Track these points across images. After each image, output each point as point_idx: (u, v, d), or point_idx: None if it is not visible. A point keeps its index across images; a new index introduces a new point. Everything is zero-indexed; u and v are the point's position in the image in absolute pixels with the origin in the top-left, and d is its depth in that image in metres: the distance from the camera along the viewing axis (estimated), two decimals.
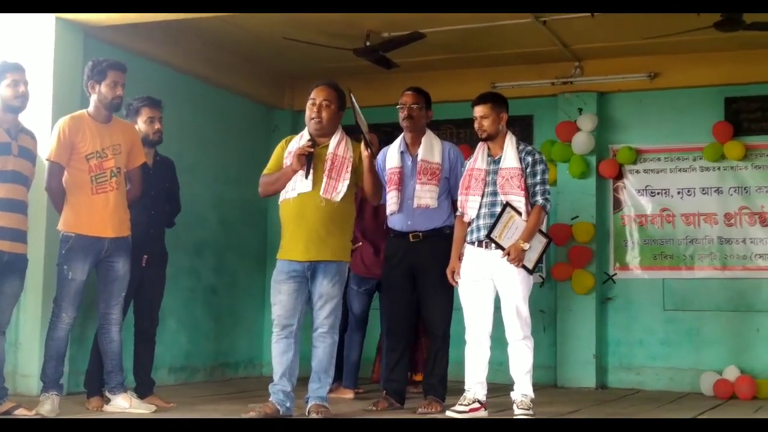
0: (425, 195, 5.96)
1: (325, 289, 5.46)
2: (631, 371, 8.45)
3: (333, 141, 5.56)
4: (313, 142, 5.49)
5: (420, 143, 6.07)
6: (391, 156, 6.14)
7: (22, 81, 5.38)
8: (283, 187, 5.54)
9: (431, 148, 6.05)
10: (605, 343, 8.53)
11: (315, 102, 5.55)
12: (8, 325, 5.51)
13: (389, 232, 6.23)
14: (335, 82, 5.71)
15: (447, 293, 5.99)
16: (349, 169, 5.51)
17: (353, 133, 5.66)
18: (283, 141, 5.72)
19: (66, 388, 6.25)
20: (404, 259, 6.04)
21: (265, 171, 5.67)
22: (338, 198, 5.46)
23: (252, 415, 5.35)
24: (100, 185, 5.56)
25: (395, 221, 6.10)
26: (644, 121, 8.67)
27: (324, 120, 5.53)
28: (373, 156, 5.52)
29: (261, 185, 5.65)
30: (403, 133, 6.19)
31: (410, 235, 6.01)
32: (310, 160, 5.43)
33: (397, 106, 6.15)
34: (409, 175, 6.05)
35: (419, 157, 6.02)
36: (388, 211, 6.11)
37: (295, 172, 5.45)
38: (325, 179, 5.45)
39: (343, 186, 5.47)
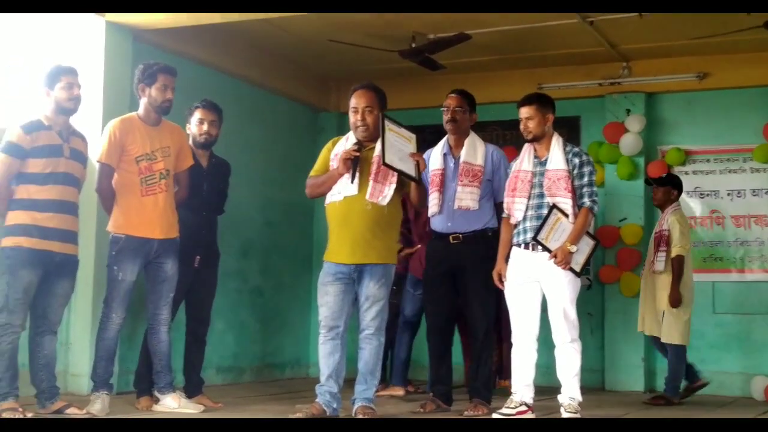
0: (466, 197, 5.94)
1: (371, 291, 5.47)
2: None
3: (379, 144, 5.53)
4: (360, 145, 5.49)
5: (463, 145, 6.05)
6: (435, 158, 6.13)
7: (75, 84, 5.45)
8: (330, 189, 5.55)
9: (474, 151, 6.03)
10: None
11: (357, 109, 5.56)
12: (60, 325, 5.58)
13: (431, 233, 6.23)
14: (372, 83, 5.71)
15: (488, 295, 5.97)
16: (395, 172, 5.51)
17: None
18: (330, 142, 5.73)
19: (116, 387, 6.31)
20: (445, 260, 6.03)
21: (312, 173, 5.69)
22: (384, 202, 5.46)
23: (299, 415, 5.37)
24: (150, 187, 5.62)
25: (436, 223, 6.09)
26: (693, 122, 8.58)
27: (370, 126, 5.53)
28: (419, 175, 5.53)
29: (308, 187, 5.68)
30: (447, 135, 6.17)
31: (450, 236, 6.00)
32: (356, 164, 5.42)
33: (441, 109, 6.14)
34: (451, 177, 6.03)
35: (462, 159, 6.00)
36: (429, 213, 6.09)
37: (341, 175, 5.46)
38: (371, 183, 5.45)
39: (389, 190, 5.47)
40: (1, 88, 6.56)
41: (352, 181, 5.42)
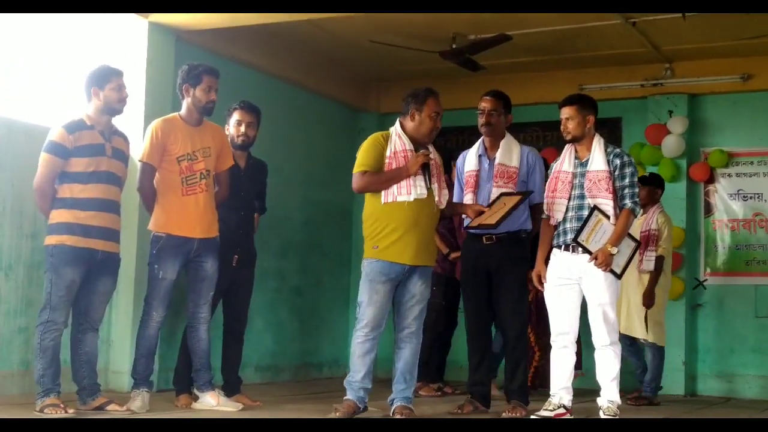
0: None
1: (419, 290, 5.57)
2: (721, 379, 8.28)
3: (431, 148, 5.70)
4: (428, 155, 5.57)
5: (499, 147, 6.03)
6: (470, 159, 6.11)
7: (124, 85, 5.52)
8: (390, 187, 5.52)
9: (509, 152, 6.00)
10: (695, 350, 8.37)
11: (439, 114, 5.62)
12: (101, 323, 5.64)
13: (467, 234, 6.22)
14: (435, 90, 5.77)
15: (521, 296, 5.94)
16: (442, 175, 5.70)
17: None
18: (374, 138, 5.64)
19: (156, 385, 6.38)
20: (479, 261, 6.00)
21: (363, 167, 5.55)
22: (442, 206, 5.65)
23: (337, 414, 5.39)
24: (190, 187, 5.66)
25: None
26: (736, 124, 8.50)
27: (438, 130, 5.71)
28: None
29: (367, 183, 5.55)
30: (482, 137, 6.15)
31: (484, 237, 5.97)
32: (427, 167, 5.54)
33: (477, 111, 6.12)
34: (486, 178, 6.00)
35: (497, 161, 5.97)
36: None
37: (409, 176, 5.50)
38: (436, 186, 5.57)
39: (446, 193, 5.68)
40: (43, 88, 6.64)
41: (430, 184, 5.53)
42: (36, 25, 6.50)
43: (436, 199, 5.56)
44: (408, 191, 5.49)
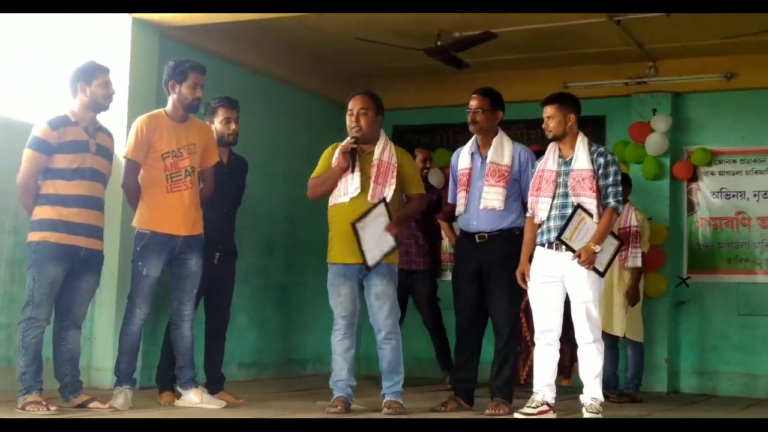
0: (492, 197, 5.93)
1: (380, 289, 5.67)
2: (704, 376, 8.32)
3: (378, 147, 5.74)
4: (357, 139, 5.67)
5: (491, 145, 6.04)
6: (463, 157, 6.13)
7: (111, 82, 5.51)
8: (331, 188, 5.73)
9: (502, 150, 6.01)
10: (678, 347, 8.41)
11: (352, 112, 5.74)
12: (84, 320, 5.63)
13: (461, 232, 6.24)
14: (370, 89, 5.92)
15: (513, 294, 5.96)
16: (395, 174, 5.72)
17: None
18: (330, 147, 5.88)
19: (139, 382, 6.34)
20: (471, 259, 6.03)
21: (312, 175, 5.86)
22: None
23: (337, 410, 5.54)
24: (175, 184, 5.64)
25: (463, 222, 6.11)
26: (719, 123, 8.53)
27: (363, 127, 5.72)
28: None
29: (309, 187, 5.86)
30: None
31: (476, 236, 6.00)
32: (354, 156, 5.62)
33: (466, 110, 6.13)
34: (478, 176, 6.02)
35: (488, 159, 5.99)
36: (456, 212, 6.13)
37: (342, 169, 5.65)
38: (372, 184, 5.63)
39: (389, 191, 5.68)
40: (26, 85, 6.61)
41: (351, 171, 5.61)
42: (18, 22, 6.44)
43: (369, 197, 5.60)
44: (345, 192, 5.66)
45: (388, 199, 5.63)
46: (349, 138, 5.69)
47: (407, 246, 7.50)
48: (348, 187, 5.64)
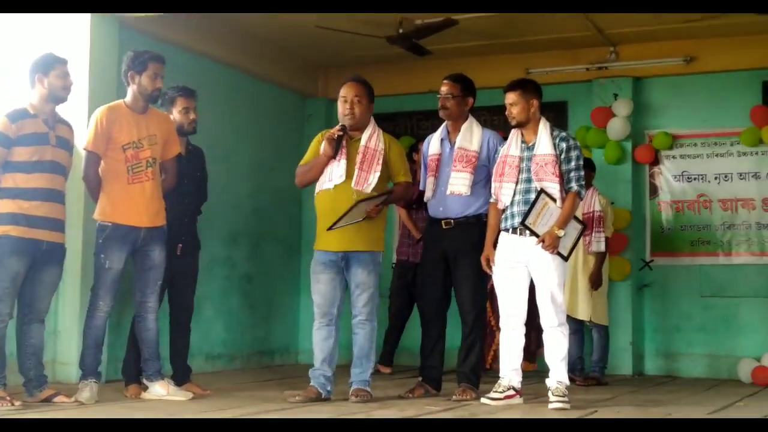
0: (458, 182, 5.95)
1: (360, 278, 5.64)
2: (668, 358, 8.41)
3: (365, 134, 5.75)
4: (344, 128, 5.65)
5: (460, 130, 6.06)
6: (434, 143, 6.17)
7: (68, 73, 5.45)
8: (318, 175, 5.70)
9: (470, 136, 6.04)
10: (642, 329, 8.49)
11: (346, 99, 5.72)
12: (47, 314, 5.57)
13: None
14: (361, 76, 5.87)
15: (479, 281, 5.99)
16: (381, 161, 5.69)
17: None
18: (320, 134, 5.84)
19: (104, 375, 6.33)
20: (438, 245, 6.05)
21: (301, 162, 5.84)
22: (369, 189, 5.62)
23: (297, 399, 5.54)
24: (136, 175, 5.61)
25: (430, 208, 6.13)
26: (680, 106, 8.60)
27: (357, 115, 5.71)
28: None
29: (297, 175, 5.84)
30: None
31: (443, 221, 6.02)
32: (339, 143, 5.61)
33: (437, 95, 6.14)
34: (446, 162, 6.05)
35: (456, 145, 6.01)
36: (425, 198, 6.15)
37: (328, 157, 5.63)
38: (356, 171, 5.61)
39: (374, 177, 5.64)
40: None
41: (334, 157, 5.59)
42: None
43: (353, 183, 5.59)
44: (330, 178, 5.64)
45: (371, 187, 5.60)
46: (337, 126, 5.68)
47: (412, 239, 7.55)
48: (333, 174, 5.64)
